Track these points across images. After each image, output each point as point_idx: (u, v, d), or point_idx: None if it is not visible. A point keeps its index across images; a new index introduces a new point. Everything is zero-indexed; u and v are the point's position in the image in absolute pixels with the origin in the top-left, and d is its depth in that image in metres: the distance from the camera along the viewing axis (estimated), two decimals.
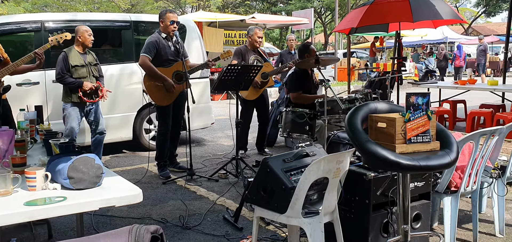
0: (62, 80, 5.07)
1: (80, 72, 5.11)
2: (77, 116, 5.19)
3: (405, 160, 2.26)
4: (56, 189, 2.05)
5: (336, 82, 17.83)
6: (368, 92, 5.27)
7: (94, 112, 5.33)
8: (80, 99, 5.11)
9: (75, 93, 5.11)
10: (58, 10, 24.80)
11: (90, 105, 5.27)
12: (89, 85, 5.12)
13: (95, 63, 5.34)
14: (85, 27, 5.22)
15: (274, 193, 2.71)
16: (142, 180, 5.16)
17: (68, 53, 5.09)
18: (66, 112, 5.17)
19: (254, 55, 6.06)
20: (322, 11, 34.83)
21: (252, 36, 6.09)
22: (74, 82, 5.07)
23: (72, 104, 5.15)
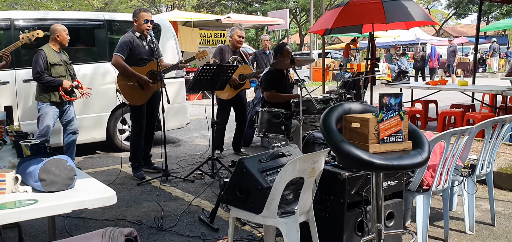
0: (40, 78, 4.97)
1: (58, 70, 5.03)
2: (53, 116, 5.11)
3: (379, 159, 2.30)
4: (27, 192, 2.00)
5: (311, 82, 17.97)
6: (342, 93, 5.33)
7: (69, 112, 5.25)
8: (61, 98, 5.02)
9: (53, 92, 5.01)
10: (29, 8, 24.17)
11: (67, 104, 5.18)
12: (69, 83, 5.06)
13: (70, 62, 5.28)
14: (62, 26, 5.15)
15: (250, 193, 2.71)
16: (116, 181, 5.09)
17: (46, 52, 4.98)
18: (43, 112, 5.06)
19: (234, 56, 6.06)
20: (297, 11, 35.08)
21: (233, 35, 6.10)
22: (54, 81, 4.99)
23: (50, 103, 5.05)
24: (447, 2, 36.83)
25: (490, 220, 3.80)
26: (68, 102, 5.22)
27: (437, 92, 7.96)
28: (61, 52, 5.18)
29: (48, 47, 5.07)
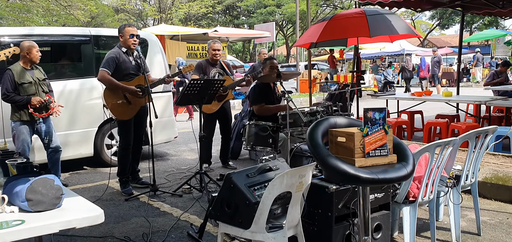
0: (8, 99, 4.91)
1: (28, 90, 4.97)
2: (28, 134, 5.04)
3: (364, 173, 2.33)
4: (13, 212, 1.99)
5: (298, 93, 18.06)
6: (328, 105, 5.38)
7: (45, 130, 5.17)
8: (31, 116, 4.96)
9: (24, 111, 4.96)
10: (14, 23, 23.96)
11: (40, 121, 5.11)
12: (38, 99, 4.96)
13: (44, 78, 5.20)
14: (32, 43, 5.05)
15: (238, 208, 2.73)
16: (104, 197, 5.06)
17: (14, 71, 4.93)
18: (16, 131, 5.00)
19: (215, 69, 6.08)
20: (283, 23, 35.36)
21: (208, 50, 6.15)
22: (22, 100, 4.92)
23: (21, 122, 4.99)
24: (431, 13, 37.39)
25: (476, 230, 3.85)
26: (42, 120, 5.14)
27: (422, 103, 8.07)
28: (32, 69, 5.10)
29: (18, 65, 4.98)
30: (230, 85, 6.05)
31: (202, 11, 29.50)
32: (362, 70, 7.16)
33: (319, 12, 31.81)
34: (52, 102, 5.10)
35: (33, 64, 5.08)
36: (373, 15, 5.30)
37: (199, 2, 29.18)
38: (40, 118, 5.06)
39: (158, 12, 29.72)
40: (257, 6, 32.77)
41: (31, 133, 5.09)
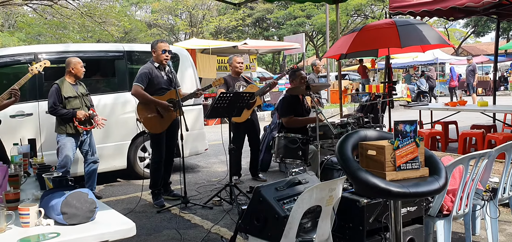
0: (55, 112, 5.12)
1: (73, 103, 5.17)
2: (72, 147, 5.23)
3: (395, 187, 2.29)
4: (49, 225, 2.05)
5: (329, 104, 17.93)
6: (359, 117, 5.33)
7: (88, 142, 5.38)
8: (76, 129, 5.15)
9: (69, 124, 5.15)
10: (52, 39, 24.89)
11: (85, 134, 5.31)
12: (83, 113, 5.19)
13: (86, 93, 5.41)
14: (77, 59, 5.30)
15: (267, 222, 2.72)
16: (136, 209, 5.15)
17: (60, 85, 5.14)
18: (61, 143, 5.20)
19: (238, 82, 6.15)
20: (313, 34, 35.28)
21: (232, 63, 6.22)
22: (68, 113, 5.12)
23: (66, 135, 5.18)
24: (465, 21, 36.51)
25: None
26: (86, 133, 5.33)
27: (456, 113, 7.87)
28: (77, 84, 5.31)
29: (63, 80, 5.21)
30: (257, 92, 6.11)
31: (232, 24, 29.85)
32: (393, 81, 7.05)
33: (350, 22, 31.59)
34: (95, 116, 5.29)
35: (77, 79, 5.31)
36: (404, 25, 5.23)
37: (229, 16, 29.55)
38: (84, 131, 5.24)
39: (189, 26, 30.26)
40: (286, 17, 32.85)
41: (76, 145, 5.28)
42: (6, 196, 2.29)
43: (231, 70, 6.28)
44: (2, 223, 1.98)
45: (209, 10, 29.76)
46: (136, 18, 32.78)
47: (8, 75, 6.11)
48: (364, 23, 27.71)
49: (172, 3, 29.92)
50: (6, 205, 2.25)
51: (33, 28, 25.55)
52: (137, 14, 36.45)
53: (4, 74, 5.92)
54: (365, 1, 26.82)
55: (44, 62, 4.75)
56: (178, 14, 32.01)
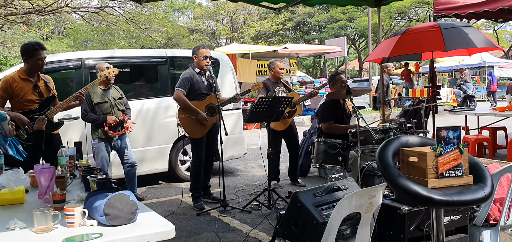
0: (86, 118, 5.31)
1: (103, 108, 5.32)
2: (105, 151, 5.39)
3: (438, 195, 2.23)
4: (93, 226, 2.12)
5: (370, 109, 17.63)
6: (402, 122, 5.21)
7: (121, 146, 5.51)
8: (106, 133, 5.30)
9: (101, 129, 5.31)
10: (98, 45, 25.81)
11: (117, 139, 5.44)
12: (113, 118, 5.31)
13: (120, 97, 5.54)
14: (106, 64, 5.41)
15: (305, 228, 2.71)
16: (177, 211, 5.24)
17: (91, 92, 5.28)
18: (95, 148, 5.38)
19: (278, 87, 6.15)
20: (355, 37, 34.82)
21: (274, 68, 6.19)
22: (98, 119, 5.28)
23: (99, 139, 5.35)
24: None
25: None
26: (119, 137, 5.46)
27: (505, 118, 7.54)
28: (109, 89, 5.44)
29: (95, 86, 5.31)
30: (298, 100, 6.09)
31: (272, 29, 29.93)
32: (437, 85, 6.85)
33: (393, 25, 30.97)
34: (126, 121, 5.43)
35: (108, 84, 5.43)
36: (449, 28, 5.06)
37: (270, 20, 29.65)
38: (116, 136, 5.39)
39: (230, 31, 30.60)
40: (328, 21, 32.61)
41: (109, 149, 5.44)
42: (53, 197, 2.39)
43: (271, 75, 6.28)
44: (49, 222, 2.07)
45: (250, 15, 29.99)
46: (179, 24, 33.48)
47: (57, 80, 6.36)
48: (408, 26, 27.08)
49: (214, 9, 30.36)
50: (53, 205, 2.35)
51: (81, 34, 26.60)
52: (180, 20, 37.23)
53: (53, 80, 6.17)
54: (409, 4, 26.19)
55: (113, 70, 4.97)
56: (220, 19, 32.45)
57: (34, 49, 4.37)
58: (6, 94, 4.38)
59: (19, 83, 4.40)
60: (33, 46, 4.39)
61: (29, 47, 4.39)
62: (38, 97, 4.46)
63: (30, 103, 4.41)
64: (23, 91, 4.39)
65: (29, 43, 4.48)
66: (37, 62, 4.39)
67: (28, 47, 4.39)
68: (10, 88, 4.36)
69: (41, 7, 11.97)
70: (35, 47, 4.38)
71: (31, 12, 11.91)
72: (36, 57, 4.37)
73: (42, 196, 2.61)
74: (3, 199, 2.57)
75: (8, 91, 4.37)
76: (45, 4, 12.17)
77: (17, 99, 4.39)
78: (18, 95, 4.38)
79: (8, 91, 4.37)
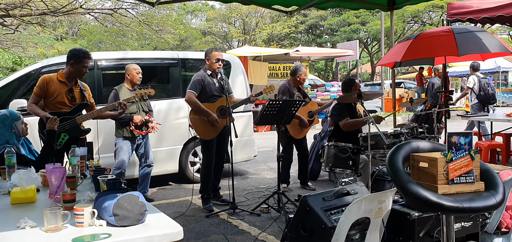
0: (113, 116, 5.35)
1: (130, 108, 5.41)
2: (128, 150, 5.46)
3: (448, 201, 2.20)
4: (102, 226, 2.14)
5: (383, 113, 17.52)
6: (414, 127, 5.16)
7: (144, 146, 5.60)
8: (132, 133, 5.38)
9: (126, 128, 5.39)
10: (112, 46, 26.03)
11: (141, 138, 5.52)
12: (139, 118, 5.42)
13: (145, 99, 5.61)
14: (134, 66, 5.56)
15: (313, 232, 2.70)
16: (186, 212, 5.26)
17: (119, 91, 5.40)
18: (118, 146, 5.45)
19: (297, 93, 6.15)
20: (368, 41, 34.65)
21: (301, 75, 6.14)
22: (125, 117, 5.36)
23: (123, 138, 5.43)
24: None
25: None
26: (142, 137, 5.54)
27: None
28: (135, 89, 5.53)
29: (122, 86, 5.50)
30: (317, 110, 6.14)
31: (284, 32, 29.92)
32: (450, 90, 6.78)
33: (406, 29, 30.76)
34: (151, 121, 5.51)
35: (134, 85, 5.56)
36: (462, 33, 5.02)
37: (282, 23, 29.64)
38: (140, 135, 5.46)
39: (242, 33, 30.65)
40: (340, 24, 32.50)
41: (132, 148, 5.50)
42: (64, 196, 2.41)
43: (292, 79, 6.22)
44: (59, 221, 2.09)
45: (262, 18, 30.01)
46: (191, 26, 33.64)
47: None
48: (421, 30, 26.89)
49: (227, 11, 30.43)
50: (63, 204, 2.37)
51: (95, 35, 26.85)
52: (193, 22, 37.41)
53: None
54: (423, 8, 25.99)
55: (149, 91, 5.14)
56: (232, 22, 32.52)
57: (83, 56, 4.60)
58: (41, 92, 4.56)
59: (56, 84, 4.59)
60: (83, 54, 4.61)
61: (78, 53, 4.60)
62: (70, 101, 4.63)
63: (62, 106, 4.58)
64: (57, 92, 4.57)
65: (79, 50, 4.69)
66: (81, 69, 4.63)
67: (77, 53, 4.60)
68: (46, 87, 4.55)
69: (56, 8, 12.11)
70: (84, 55, 4.61)
71: (46, 13, 12.05)
72: (82, 64, 4.60)
73: (53, 195, 2.64)
74: (14, 198, 2.61)
75: (43, 90, 4.56)
76: (59, 5, 12.31)
77: (50, 99, 4.58)
78: (52, 95, 4.56)
79: (44, 90, 4.56)
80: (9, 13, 11.53)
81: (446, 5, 7.05)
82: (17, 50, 17.63)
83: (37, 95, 4.57)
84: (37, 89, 4.57)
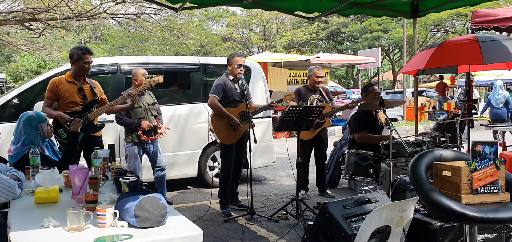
0: (121, 121, 5.42)
1: (137, 112, 5.43)
2: (137, 155, 5.49)
3: (472, 211, 2.16)
4: (123, 227, 2.16)
5: (404, 122, 17.31)
6: (436, 136, 5.09)
7: (153, 150, 5.59)
8: (139, 137, 5.40)
9: (134, 133, 5.41)
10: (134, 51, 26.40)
11: (149, 143, 5.53)
12: (147, 123, 5.42)
13: (153, 102, 5.65)
14: (141, 70, 5.54)
15: (333, 239, 2.68)
16: (205, 216, 5.28)
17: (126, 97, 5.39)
18: (128, 151, 5.48)
19: (314, 95, 6.10)
20: (390, 48, 34.34)
21: (311, 76, 6.15)
22: (132, 123, 5.39)
23: (132, 143, 5.45)
24: None
25: None
26: (151, 142, 5.55)
27: None
28: (143, 94, 5.53)
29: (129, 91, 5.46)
30: (328, 113, 6.02)
31: (305, 38, 29.86)
32: (474, 99, 6.66)
33: (429, 37, 30.38)
34: (159, 127, 5.53)
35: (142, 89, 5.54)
36: (487, 41, 4.92)
37: (303, 29, 29.60)
38: (148, 140, 5.48)
39: (262, 40, 30.72)
40: (362, 31, 32.29)
41: (141, 153, 5.54)
42: (86, 197, 2.45)
43: (308, 82, 6.24)
44: (81, 222, 2.12)
45: (283, 24, 30.03)
46: (212, 32, 33.87)
47: None
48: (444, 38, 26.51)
49: (247, 17, 30.56)
50: (85, 205, 2.41)
51: (117, 40, 27.29)
52: (213, 28, 37.67)
53: None
54: (446, 16, 25.63)
55: (158, 78, 5.15)
56: (253, 28, 32.63)
57: (82, 53, 4.68)
58: (52, 95, 4.67)
59: (65, 85, 4.69)
60: (82, 50, 4.71)
61: (77, 51, 4.70)
62: (82, 99, 4.71)
63: (74, 105, 4.68)
64: (68, 93, 4.66)
65: (78, 47, 4.79)
66: (83, 65, 4.69)
67: (76, 51, 4.70)
68: (56, 89, 4.66)
69: (80, 13, 12.34)
70: (83, 51, 4.70)
71: (70, 18, 12.29)
72: (83, 60, 4.67)
73: (76, 196, 2.68)
74: (38, 198, 2.66)
75: (54, 92, 4.66)
76: (84, 10, 12.55)
77: (62, 101, 4.67)
78: (63, 97, 4.66)
79: (54, 92, 4.66)
80: (35, 17, 11.79)
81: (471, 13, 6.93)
82: (42, 54, 18.03)
83: (49, 99, 4.67)
84: (48, 93, 4.68)
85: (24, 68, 22.55)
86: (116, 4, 12.69)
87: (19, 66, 22.91)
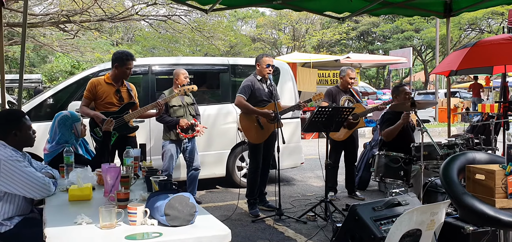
0: (161, 119, 5.52)
1: (178, 112, 5.54)
2: (174, 153, 5.58)
3: (507, 216, 2.10)
4: (153, 225, 2.20)
5: (436, 123, 16.95)
6: (469, 138, 4.97)
7: (190, 149, 5.68)
8: (178, 136, 5.49)
9: (173, 131, 5.51)
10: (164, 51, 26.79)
11: (187, 142, 5.61)
12: (185, 121, 5.53)
13: (192, 103, 5.74)
14: (182, 70, 5.67)
15: (362, 241, 2.65)
16: (233, 216, 5.30)
17: (166, 94, 5.50)
18: (165, 149, 5.58)
19: (345, 96, 6.04)
20: (422, 49, 33.66)
21: (344, 77, 6.09)
22: (172, 121, 5.50)
23: (170, 141, 5.56)
24: None
25: None
26: (189, 141, 5.63)
27: None
28: (184, 94, 5.63)
29: (171, 90, 5.60)
30: (362, 113, 5.96)
31: (335, 38, 29.61)
32: (509, 101, 6.46)
33: (463, 37, 29.62)
34: (197, 125, 5.61)
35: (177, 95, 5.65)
36: None
37: (332, 29, 29.36)
38: (186, 139, 5.57)
39: (292, 40, 30.64)
40: (393, 31, 31.75)
41: (178, 151, 5.64)
42: (118, 195, 2.51)
43: (340, 83, 6.19)
44: (113, 219, 2.17)
45: (312, 24, 29.87)
46: (241, 33, 34.01)
47: None
48: (478, 38, 25.79)
49: (277, 18, 30.54)
50: (117, 203, 2.46)
51: (149, 41, 27.75)
52: (243, 29, 37.80)
53: None
54: (481, 15, 24.92)
55: (192, 87, 5.29)
56: (282, 28, 32.58)
57: (126, 58, 4.80)
58: (90, 94, 4.80)
59: (103, 86, 4.81)
60: (126, 56, 4.82)
61: (122, 56, 4.81)
62: (118, 101, 4.83)
63: (110, 106, 4.79)
64: (106, 94, 4.79)
65: (122, 52, 4.91)
66: (125, 70, 4.82)
67: (120, 56, 4.82)
68: (94, 90, 4.79)
69: (113, 14, 12.63)
70: (128, 57, 4.81)
71: (103, 20, 12.60)
72: (126, 66, 4.80)
73: (108, 194, 2.74)
74: (72, 195, 2.74)
75: (92, 92, 4.79)
76: (116, 12, 12.83)
77: (99, 101, 4.80)
78: (101, 97, 4.78)
79: (93, 92, 4.79)
80: (70, 19, 12.13)
81: (507, 12, 6.72)
82: (76, 55, 18.53)
83: (87, 98, 4.80)
84: (86, 92, 4.81)
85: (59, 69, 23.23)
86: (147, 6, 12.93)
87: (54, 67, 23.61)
